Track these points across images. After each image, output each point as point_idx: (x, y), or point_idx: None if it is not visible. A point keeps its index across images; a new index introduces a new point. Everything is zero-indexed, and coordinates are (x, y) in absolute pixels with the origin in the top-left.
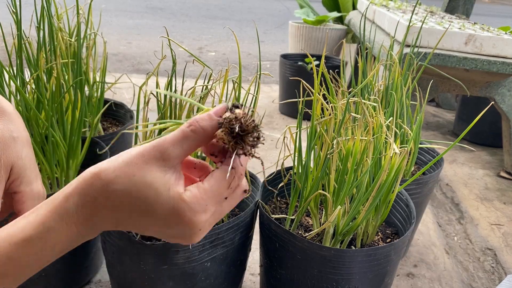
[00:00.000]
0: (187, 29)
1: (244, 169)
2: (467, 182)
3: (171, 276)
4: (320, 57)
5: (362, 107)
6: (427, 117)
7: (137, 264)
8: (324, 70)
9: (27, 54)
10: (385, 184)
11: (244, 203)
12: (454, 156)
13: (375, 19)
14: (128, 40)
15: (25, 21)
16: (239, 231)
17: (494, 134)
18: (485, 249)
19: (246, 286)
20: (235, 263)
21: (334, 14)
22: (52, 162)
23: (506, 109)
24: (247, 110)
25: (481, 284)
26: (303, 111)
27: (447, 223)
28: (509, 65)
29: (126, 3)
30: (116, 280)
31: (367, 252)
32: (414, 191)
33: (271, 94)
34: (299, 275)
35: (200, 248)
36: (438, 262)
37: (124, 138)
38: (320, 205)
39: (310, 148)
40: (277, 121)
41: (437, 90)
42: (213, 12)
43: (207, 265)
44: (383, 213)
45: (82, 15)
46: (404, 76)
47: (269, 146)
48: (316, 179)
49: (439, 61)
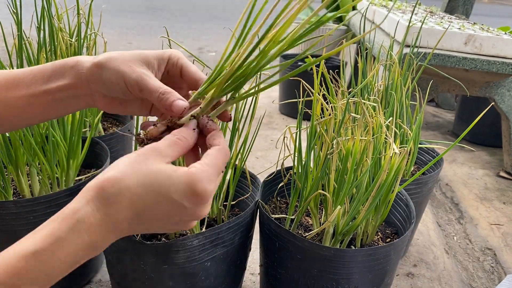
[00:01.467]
0: (187, 29)
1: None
2: (467, 182)
3: (171, 276)
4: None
5: (362, 107)
6: (426, 117)
7: (137, 264)
8: (324, 70)
9: (28, 54)
10: (385, 184)
11: (244, 203)
12: (453, 156)
13: (375, 19)
14: (128, 40)
15: (25, 22)
16: (239, 231)
17: (494, 134)
18: (484, 249)
19: (246, 285)
20: (235, 262)
21: (334, 14)
22: (53, 162)
23: (505, 109)
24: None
25: (481, 283)
26: (303, 111)
27: (446, 223)
28: (508, 65)
29: (126, 3)
30: (116, 280)
31: (367, 252)
32: (413, 191)
33: (271, 94)
34: (299, 274)
35: (200, 248)
36: (438, 262)
37: (124, 138)
38: (320, 205)
39: (310, 148)
40: (277, 121)
41: (436, 90)
42: (213, 12)
43: (207, 265)
44: (382, 213)
45: (83, 15)
46: (403, 76)
47: (269, 146)
48: (316, 179)
49: (439, 61)
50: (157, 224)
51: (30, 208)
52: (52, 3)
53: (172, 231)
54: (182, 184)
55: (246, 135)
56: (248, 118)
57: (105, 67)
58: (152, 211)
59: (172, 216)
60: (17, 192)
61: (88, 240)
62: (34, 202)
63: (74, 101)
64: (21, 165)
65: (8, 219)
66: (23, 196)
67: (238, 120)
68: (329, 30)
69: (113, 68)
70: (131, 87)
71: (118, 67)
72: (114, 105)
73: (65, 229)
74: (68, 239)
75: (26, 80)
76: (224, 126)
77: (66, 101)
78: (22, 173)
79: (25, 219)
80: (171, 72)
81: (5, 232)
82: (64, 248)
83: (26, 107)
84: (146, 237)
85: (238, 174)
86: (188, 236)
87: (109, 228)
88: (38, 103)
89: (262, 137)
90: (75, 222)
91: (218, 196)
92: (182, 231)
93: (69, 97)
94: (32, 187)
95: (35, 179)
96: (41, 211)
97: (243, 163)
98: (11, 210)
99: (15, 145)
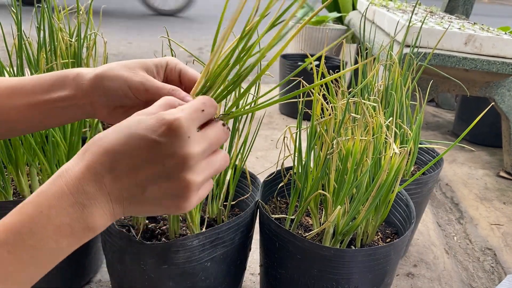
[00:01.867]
0: (187, 29)
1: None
2: (467, 182)
3: (171, 276)
4: (320, 57)
5: (362, 107)
6: (426, 117)
7: (137, 264)
8: (324, 70)
9: (28, 54)
10: (385, 184)
11: (244, 203)
12: (453, 156)
13: (375, 19)
14: (128, 40)
15: (25, 22)
16: (239, 231)
17: (494, 134)
18: (484, 249)
19: (246, 285)
20: (235, 263)
21: (334, 14)
22: (53, 162)
23: (505, 109)
24: None
25: (481, 284)
26: (303, 111)
27: (446, 223)
28: (508, 65)
29: (127, 3)
30: (116, 280)
31: (367, 252)
32: (413, 191)
33: (271, 94)
34: (299, 274)
35: (200, 248)
36: (438, 262)
37: None
38: (320, 205)
39: (310, 148)
40: (277, 121)
41: (436, 90)
42: (213, 12)
43: (207, 265)
44: (382, 213)
45: (83, 15)
46: (404, 76)
47: (269, 146)
48: (316, 179)
49: (439, 61)
50: (142, 176)
51: None
52: (52, 3)
53: (168, 197)
54: (151, 119)
55: (246, 135)
56: (248, 118)
57: (106, 76)
58: (126, 155)
59: (150, 160)
60: (17, 192)
61: (70, 195)
62: None
63: (74, 111)
64: (21, 165)
65: None
66: (23, 196)
67: (238, 120)
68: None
69: (115, 75)
70: (135, 90)
71: (120, 73)
72: (116, 115)
73: (46, 184)
74: (47, 191)
75: (26, 88)
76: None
77: (65, 111)
78: (22, 173)
79: None
80: (169, 77)
81: None
82: (47, 201)
83: (26, 115)
84: (146, 237)
85: (238, 174)
86: (188, 236)
87: (90, 180)
88: (37, 112)
89: (262, 137)
90: (55, 177)
91: (218, 196)
92: (182, 231)
93: (69, 107)
94: (32, 187)
95: (35, 179)
96: None
97: (243, 163)
98: (11, 210)
99: (15, 145)
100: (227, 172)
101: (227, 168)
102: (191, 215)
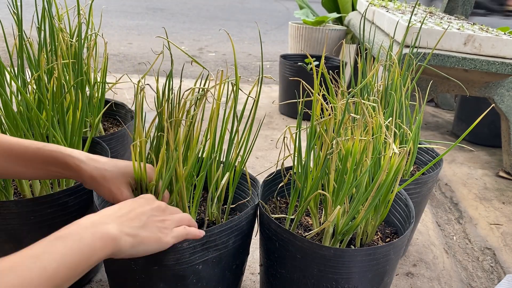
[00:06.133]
0: (187, 30)
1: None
2: (466, 182)
3: (162, 277)
4: (320, 57)
5: (362, 107)
6: (426, 117)
7: (128, 264)
8: (324, 71)
9: (28, 54)
10: (385, 184)
11: (245, 206)
12: (453, 156)
13: (375, 19)
14: (128, 41)
15: (26, 22)
16: (232, 235)
17: (493, 134)
18: (484, 249)
19: (246, 285)
20: (230, 267)
21: (333, 15)
22: None
23: (505, 109)
24: None
25: (480, 283)
26: (303, 112)
27: (446, 222)
28: (508, 65)
29: (127, 3)
30: (112, 279)
31: (367, 252)
32: (413, 191)
33: (271, 95)
34: (299, 274)
35: (190, 250)
36: (437, 262)
37: (124, 138)
38: (320, 205)
39: (310, 148)
40: (277, 121)
41: (436, 90)
42: (213, 12)
43: (199, 268)
44: (382, 212)
45: (83, 15)
46: (403, 76)
47: (269, 146)
48: (315, 179)
49: (438, 62)
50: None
51: (30, 208)
52: (52, 4)
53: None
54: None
55: (246, 137)
56: (248, 118)
57: (100, 185)
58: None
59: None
60: (18, 192)
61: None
62: (34, 202)
63: (63, 177)
64: None
65: (8, 219)
66: (23, 196)
67: (238, 120)
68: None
69: (106, 187)
70: (117, 200)
71: (110, 189)
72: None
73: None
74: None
75: (17, 152)
76: (224, 126)
77: (55, 176)
78: None
79: (25, 218)
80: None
81: (6, 232)
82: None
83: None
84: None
85: (238, 177)
86: None
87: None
88: (28, 171)
89: (262, 137)
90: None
91: (218, 199)
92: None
93: (59, 176)
94: (33, 187)
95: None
96: (42, 211)
97: (243, 165)
98: (12, 210)
99: None
100: (224, 176)
101: (224, 171)
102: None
